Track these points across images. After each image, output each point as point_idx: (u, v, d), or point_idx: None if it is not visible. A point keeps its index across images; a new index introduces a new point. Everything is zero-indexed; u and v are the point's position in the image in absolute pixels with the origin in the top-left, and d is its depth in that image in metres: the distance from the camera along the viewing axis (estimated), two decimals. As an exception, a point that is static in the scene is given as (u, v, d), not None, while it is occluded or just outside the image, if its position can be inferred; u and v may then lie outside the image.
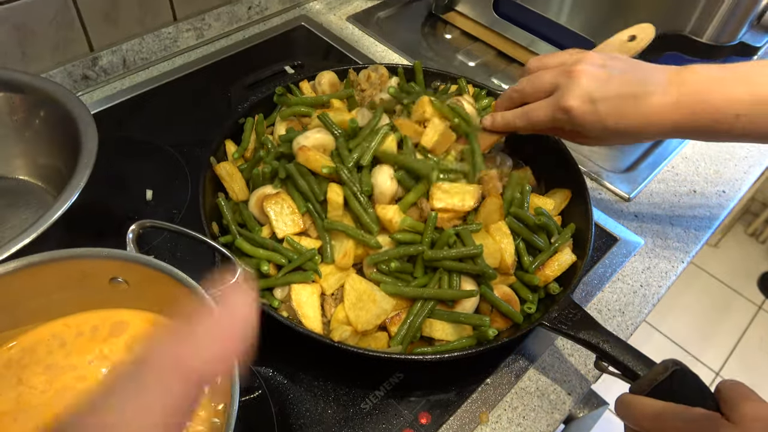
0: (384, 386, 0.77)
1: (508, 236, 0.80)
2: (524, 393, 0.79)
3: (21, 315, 0.63)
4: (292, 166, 0.81)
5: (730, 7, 0.95)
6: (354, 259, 0.79)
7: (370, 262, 0.77)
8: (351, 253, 0.78)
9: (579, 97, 0.72)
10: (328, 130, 0.85)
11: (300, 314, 0.74)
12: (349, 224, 0.79)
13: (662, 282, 0.94)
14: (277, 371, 0.78)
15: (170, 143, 1.05)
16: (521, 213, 0.83)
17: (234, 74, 1.13)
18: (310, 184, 0.80)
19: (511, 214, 0.83)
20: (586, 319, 0.74)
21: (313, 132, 0.84)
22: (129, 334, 0.67)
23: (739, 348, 2.63)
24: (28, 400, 0.61)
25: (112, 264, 0.63)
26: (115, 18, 1.13)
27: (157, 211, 0.96)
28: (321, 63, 1.25)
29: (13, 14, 0.99)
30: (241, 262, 0.77)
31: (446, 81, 1.07)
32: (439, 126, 0.85)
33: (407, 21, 1.44)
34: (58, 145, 0.89)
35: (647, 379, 0.65)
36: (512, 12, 1.27)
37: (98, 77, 1.17)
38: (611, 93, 0.72)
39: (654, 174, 1.10)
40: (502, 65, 1.33)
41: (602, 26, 1.12)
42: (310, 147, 0.81)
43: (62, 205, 0.72)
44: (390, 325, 0.75)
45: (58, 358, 0.64)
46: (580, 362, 0.83)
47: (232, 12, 1.31)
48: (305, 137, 0.83)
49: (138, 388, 0.32)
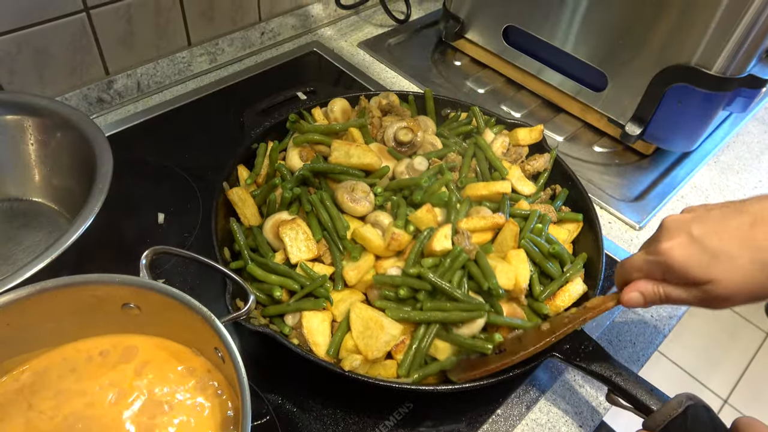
0: (394, 416, 0.77)
1: (525, 262, 0.80)
2: (535, 425, 0.78)
3: (34, 339, 0.64)
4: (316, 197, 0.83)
5: (739, 40, 0.96)
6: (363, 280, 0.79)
7: (378, 281, 0.78)
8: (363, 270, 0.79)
9: (675, 238, 0.62)
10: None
11: (311, 342, 0.74)
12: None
13: (673, 312, 0.93)
14: (286, 398, 0.78)
15: (182, 167, 1.06)
16: (537, 240, 0.84)
17: (246, 99, 1.15)
18: (334, 218, 0.82)
19: (527, 240, 0.84)
20: (598, 350, 0.73)
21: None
22: (139, 360, 0.67)
23: (747, 375, 2.59)
24: (36, 425, 0.61)
25: (124, 290, 0.63)
26: (131, 42, 1.15)
27: (169, 234, 0.96)
28: (332, 89, 1.27)
29: (32, 38, 1.01)
30: (252, 287, 0.77)
31: (456, 108, 1.08)
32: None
33: (418, 48, 1.45)
34: (73, 167, 0.90)
35: (661, 414, 0.64)
36: (521, 40, 1.28)
37: (113, 100, 1.18)
38: (711, 226, 0.61)
39: (663, 203, 1.10)
40: (511, 92, 1.34)
41: (608, 55, 1.13)
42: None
43: (77, 230, 0.73)
44: (395, 353, 0.75)
45: (69, 384, 0.64)
46: (591, 394, 0.82)
47: (245, 37, 1.33)
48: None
49: None
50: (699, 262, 0.60)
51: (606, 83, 1.16)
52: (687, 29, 1.00)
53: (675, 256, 0.61)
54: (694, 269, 0.60)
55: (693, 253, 0.60)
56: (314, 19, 1.46)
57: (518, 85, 1.35)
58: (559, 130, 1.25)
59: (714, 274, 0.60)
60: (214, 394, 0.64)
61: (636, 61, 1.09)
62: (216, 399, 0.63)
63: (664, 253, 0.62)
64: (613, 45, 1.12)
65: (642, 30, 1.06)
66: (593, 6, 1.11)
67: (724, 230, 0.60)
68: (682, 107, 1.07)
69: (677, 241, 0.61)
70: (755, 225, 0.59)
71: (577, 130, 1.25)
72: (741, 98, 1.04)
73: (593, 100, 1.21)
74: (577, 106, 1.25)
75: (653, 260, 0.63)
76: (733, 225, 0.60)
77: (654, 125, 1.12)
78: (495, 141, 1.00)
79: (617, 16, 1.09)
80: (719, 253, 0.59)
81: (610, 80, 1.15)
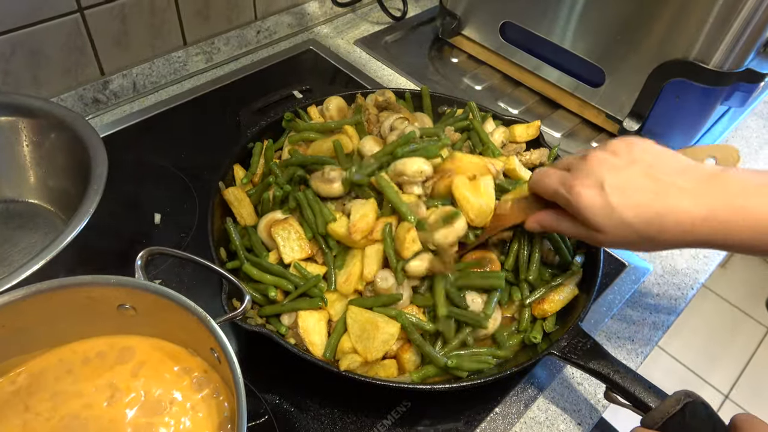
0: (392, 415, 0.76)
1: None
2: (534, 423, 0.78)
3: (29, 341, 0.64)
4: (302, 194, 0.82)
5: (736, 34, 0.96)
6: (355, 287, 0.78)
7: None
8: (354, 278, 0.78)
9: (589, 181, 0.65)
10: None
11: (307, 342, 0.74)
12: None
13: (672, 309, 0.93)
14: (284, 398, 0.78)
15: (179, 167, 1.06)
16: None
17: (242, 98, 1.14)
18: (316, 213, 0.81)
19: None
20: (596, 348, 0.73)
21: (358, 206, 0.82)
22: (135, 361, 0.67)
23: (748, 370, 2.59)
24: (33, 427, 0.61)
25: (120, 291, 0.63)
26: (126, 42, 1.15)
27: (165, 234, 0.96)
28: (329, 87, 1.26)
29: (26, 39, 1.01)
30: (248, 287, 0.77)
31: (453, 105, 1.07)
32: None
33: (414, 45, 1.45)
34: (68, 168, 0.89)
35: (659, 411, 0.64)
36: (519, 36, 1.28)
37: (108, 101, 1.18)
38: (626, 182, 0.63)
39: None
40: (508, 89, 1.34)
41: (606, 51, 1.13)
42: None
43: (72, 231, 0.73)
44: (401, 352, 0.74)
45: (66, 385, 0.64)
46: (589, 391, 0.82)
47: (241, 36, 1.33)
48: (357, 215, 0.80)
49: None
50: (600, 214, 0.64)
51: (604, 79, 1.16)
52: (684, 24, 1.00)
53: (582, 202, 0.65)
54: (593, 218, 0.65)
55: (597, 205, 0.64)
56: (310, 17, 1.45)
57: (515, 82, 1.35)
58: (557, 126, 1.25)
59: (607, 228, 0.65)
60: (211, 394, 0.64)
61: (634, 56, 1.09)
62: (213, 400, 0.63)
63: (575, 196, 0.66)
64: (610, 40, 1.11)
65: (640, 25, 1.06)
66: (591, 1, 1.11)
67: (631, 194, 0.63)
68: (680, 102, 1.07)
69: (589, 190, 0.65)
70: (658, 195, 0.62)
71: (575, 126, 1.25)
72: (739, 93, 1.04)
73: (591, 96, 1.20)
74: (574, 102, 1.25)
75: (564, 195, 0.67)
76: (639, 191, 0.63)
77: (652, 120, 1.12)
78: (494, 132, 1.00)
79: (615, 11, 1.08)
80: (616, 214, 0.63)
81: (607, 76, 1.15)
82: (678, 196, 0.61)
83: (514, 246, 0.83)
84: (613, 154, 0.66)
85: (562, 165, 0.72)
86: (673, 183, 0.62)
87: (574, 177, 0.66)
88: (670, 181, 0.62)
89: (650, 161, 0.65)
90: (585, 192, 0.65)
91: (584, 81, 1.20)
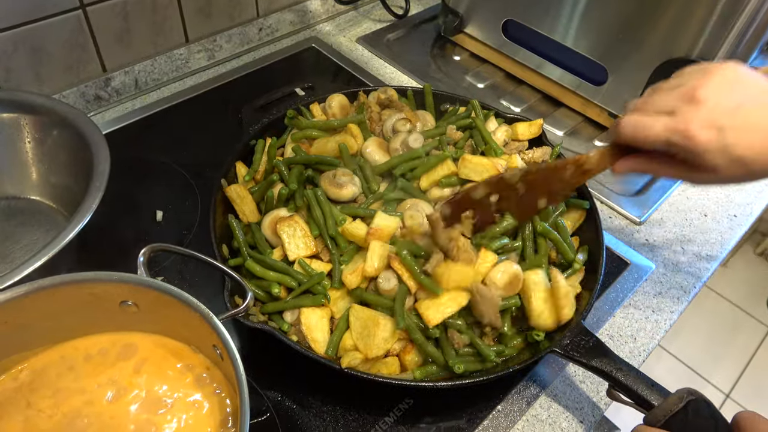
0: (394, 412, 0.76)
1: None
2: (536, 420, 0.78)
3: (32, 337, 0.63)
4: (311, 192, 0.82)
5: (739, 32, 0.95)
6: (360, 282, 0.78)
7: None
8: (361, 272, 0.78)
9: (704, 125, 0.62)
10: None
11: (309, 339, 0.74)
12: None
13: (674, 307, 0.93)
14: (286, 395, 0.78)
15: (181, 164, 1.06)
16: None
17: (244, 95, 1.14)
18: (326, 214, 0.81)
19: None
20: (599, 346, 0.73)
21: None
22: (138, 357, 0.66)
23: (749, 370, 2.59)
24: (35, 423, 0.61)
25: (122, 288, 0.63)
26: (128, 40, 1.15)
27: (167, 232, 0.96)
28: (331, 84, 1.26)
29: (28, 36, 1.01)
30: (250, 284, 0.77)
31: (455, 103, 1.07)
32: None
33: (416, 43, 1.45)
34: (70, 165, 0.89)
35: (662, 409, 0.64)
36: (521, 34, 1.27)
37: (110, 98, 1.18)
38: (739, 122, 0.62)
39: (664, 197, 1.10)
40: (511, 87, 1.33)
41: (609, 49, 1.12)
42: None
43: (74, 228, 0.73)
44: (403, 353, 0.74)
45: (68, 382, 0.64)
46: (592, 389, 0.82)
47: (243, 33, 1.32)
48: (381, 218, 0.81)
49: None
50: (718, 156, 0.62)
51: (606, 77, 1.15)
52: (687, 22, 0.99)
53: (701, 146, 0.62)
54: (712, 160, 0.63)
55: (716, 147, 0.62)
56: (312, 15, 1.45)
57: (518, 80, 1.34)
58: (559, 124, 1.24)
59: (721, 167, 0.63)
60: (213, 391, 0.63)
61: (636, 54, 1.08)
62: (215, 396, 0.63)
63: (692, 141, 0.63)
64: (613, 38, 1.11)
65: (642, 23, 1.05)
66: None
67: (747, 133, 0.62)
68: (683, 101, 1.07)
69: (707, 132, 0.62)
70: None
71: (578, 125, 1.25)
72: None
73: (593, 94, 1.20)
74: (577, 100, 1.25)
75: (680, 142, 0.64)
76: (753, 130, 0.62)
77: (654, 119, 1.12)
78: (497, 131, 1.00)
79: (617, 9, 1.08)
80: (736, 154, 0.62)
81: (610, 74, 1.15)
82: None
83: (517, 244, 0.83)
84: (718, 88, 0.64)
85: (655, 108, 0.67)
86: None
87: (687, 121, 0.63)
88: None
89: (755, 93, 0.64)
90: (703, 134, 0.62)
91: (587, 79, 1.20)
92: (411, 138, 0.91)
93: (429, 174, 0.88)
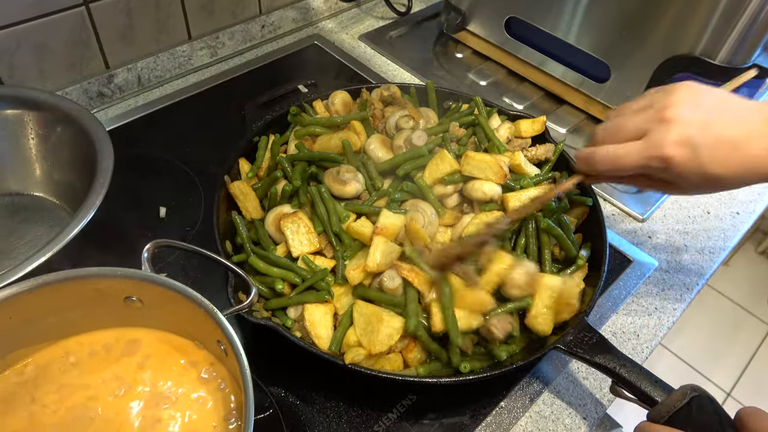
0: (397, 408, 0.76)
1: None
2: (539, 417, 0.78)
3: (36, 333, 0.64)
4: (314, 189, 0.82)
5: (743, 29, 0.95)
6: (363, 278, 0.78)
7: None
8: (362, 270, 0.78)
9: (678, 144, 0.64)
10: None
11: (313, 335, 0.74)
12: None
13: (677, 304, 0.93)
14: (289, 391, 0.78)
15: (184, 160, 1.06)
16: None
17: (247, 92, 1.14)
18: (330, 211, 0.81)
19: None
20: (602, 342, 0.73)
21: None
22: (142, 353, 0.67)
23: (751, 368, 2.59)
24: (40, 419, 0.61)
25: (126, 283, 0.63)
26: (131, 36, 1.15)
27: (171, 228, 0.96)
28: (333, 81, 1.26)
29: (32, 32, 1.01)
30: (254, 280, 0.77)
31: (458, 100, 1.07)
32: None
33: (419, 40, 1.45)
34: (74, 162, 0.89)
35: (665, 405, 0.64)
36: (524, 31, 1.27)
37: (113, 94, 1.18)
38: (711, 139, 0.64)
39: (667, 195, 1.10)
40: (513, 84, 1.33)
41: (612, 46, 1.12)
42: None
43: (78, 224, 0.73)
44: (406, 352, 0.74)
45: (72, 377, 0.64)
46: (595, 386, 0.82)
47: (245, 30, 1.32)
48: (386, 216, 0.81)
49: None
50: (693, 173, 0.65)
51: (609, 74, 1.15)
52: (691, 18, 0.99)
53: (677, 168, 0.65)
54: (688, 178, 0.65)
55: (691, 166, 0.65)
56: (315, 12, 1.45)
57: (520, 77, 1.34)
58: (562, 122, 1.24)
59: (694, 184, 0.66)
60: (217, 387, 0.64)
61: (639, 51, 1.08)
62: (219, 392, 0.63)
63: (669, 163, 0.65)
64: (616, 35, 1.11)
65: (645, 20, 1.05)
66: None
67: (718, 149, 0.64)
68: (686, 98, 1.06)
69: (680, 150, 0.64)
70: (739, 145, 0.64)
71: (580, 122, 1.25)
72: (745, 88, 1.03)
73: (596, 92, 1.20)
74: (580, 97, 1.25)
75: (658, 167, 0.66)
76: (723, 145, 0.64)
77: (657, 116, 1.11)
78: (500, 128, 1.00)
79: (620, 6, 1.08)
80: (708, 171, 0.64)
81: (613, 71, 1.14)
82: (759, 142, 0.64)
83: (521, 241, 0.83)
84: (686, 106, 0.65)
85: (624, 134, 0.68)
86: (750, 130, 0.64)
87: (661, 141, 0.65)
88: (748, 128, 0.64)
89: (720, 107, 0.66)
90: (677, 153, 0.64)
91: (589, 76, 1.20)
92: (414, 135, 0.91)
93: (432, 171, 0.88)
